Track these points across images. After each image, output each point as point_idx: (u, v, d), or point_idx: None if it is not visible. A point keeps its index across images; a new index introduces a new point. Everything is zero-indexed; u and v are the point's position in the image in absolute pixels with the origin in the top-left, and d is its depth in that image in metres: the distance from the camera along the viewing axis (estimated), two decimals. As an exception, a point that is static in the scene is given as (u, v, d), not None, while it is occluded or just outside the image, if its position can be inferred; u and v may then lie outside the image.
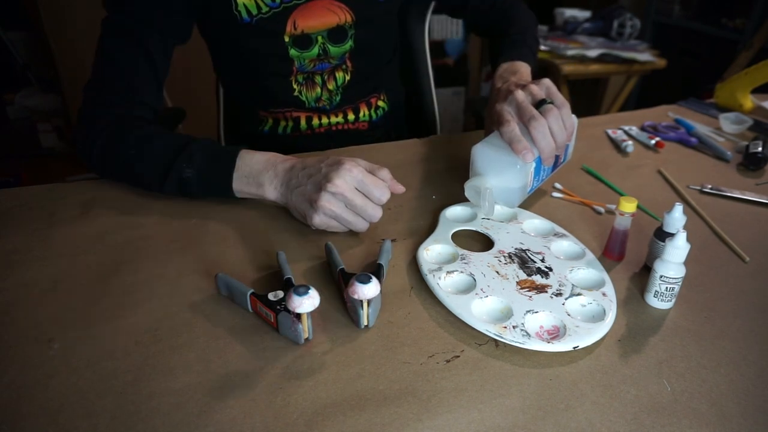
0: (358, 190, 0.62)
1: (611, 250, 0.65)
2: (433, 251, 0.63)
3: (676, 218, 0.59)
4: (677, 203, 0.60)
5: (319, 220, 0.63)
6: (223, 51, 0.92)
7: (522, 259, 0.62)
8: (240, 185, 0.68)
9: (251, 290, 0.54)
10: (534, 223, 0.70)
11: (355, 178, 0.62)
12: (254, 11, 0.81)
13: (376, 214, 0.63)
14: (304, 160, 0.66)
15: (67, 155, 2.65)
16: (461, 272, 0.60)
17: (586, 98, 3.02)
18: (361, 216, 0.63)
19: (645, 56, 2.39)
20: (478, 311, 0.55)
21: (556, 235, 0.67)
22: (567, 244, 0.66)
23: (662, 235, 0.60)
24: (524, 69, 0.84)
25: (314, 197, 0.62)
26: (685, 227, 0.58)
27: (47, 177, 2.43)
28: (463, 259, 0.62)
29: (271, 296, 0.53)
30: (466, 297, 0.56)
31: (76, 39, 2.24)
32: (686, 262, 0.56)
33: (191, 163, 0.68)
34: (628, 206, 0.62)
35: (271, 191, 0.67)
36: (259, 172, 0.67)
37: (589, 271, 0.61)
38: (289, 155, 0.69)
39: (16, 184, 1.98)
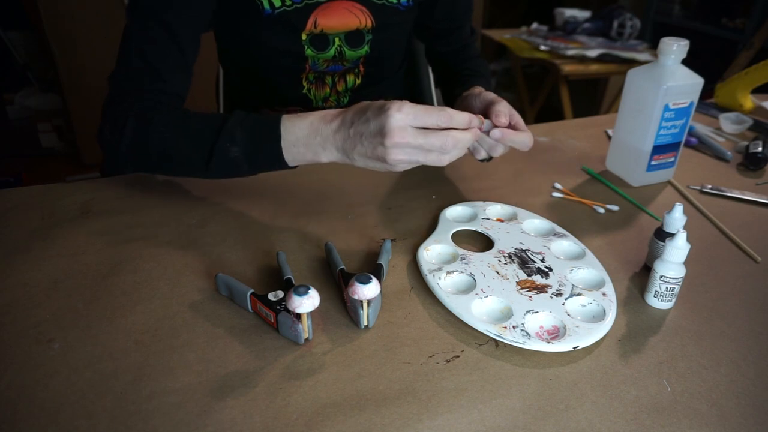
0: (418, 129, 0.57)
1: None
2: (433, 251, 0.63)
3: (676, 218, 0.59)
4: (677, 203, 0.60)
5: (401, 168, 0.60)
6: (236, 43, 0.91)
7: (522, 259, 0.62)
8: (290, 154, 0.64)
9: (251, 290, 0.54)
10: (534, 223, 0.70)
11: (407, 117, 0.57)
12: (277, 3, 0.80)
13: (448, 141, 0.57)
14: (344, 116, 0.61)
15: (67, 155, 2.65)
16: (461, 272, 0.60)
17: (586, 98, 3.02)
18: (436, 151, 0.58)
19: (645, 56, 2.39)
20: (478, 311, 0.55)
21: (556, 234, 0.67)
22: (567, 244, 0.66)
23: (662, 235, 0.60)
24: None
25: (380, 156, 0.58)
26: (686, 227, 0.58)
27: (47, 177, 2.43)
28: (463, 259, 0.62)
29: (271, 296, 0.53)
30: (466, 297, 0.56)
31: (76, 39, 2.25)
32: (686, 262, 0.56)
33: (234, 142, 0.64)
34: None
35: (326, 157, 0.62)
36: (306, 139, 0.62)
37: (589, 271, 0.61)
38: (329, 112, 0.63)
39: (16, 184, 1.98)
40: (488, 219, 0.70)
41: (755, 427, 0.45)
